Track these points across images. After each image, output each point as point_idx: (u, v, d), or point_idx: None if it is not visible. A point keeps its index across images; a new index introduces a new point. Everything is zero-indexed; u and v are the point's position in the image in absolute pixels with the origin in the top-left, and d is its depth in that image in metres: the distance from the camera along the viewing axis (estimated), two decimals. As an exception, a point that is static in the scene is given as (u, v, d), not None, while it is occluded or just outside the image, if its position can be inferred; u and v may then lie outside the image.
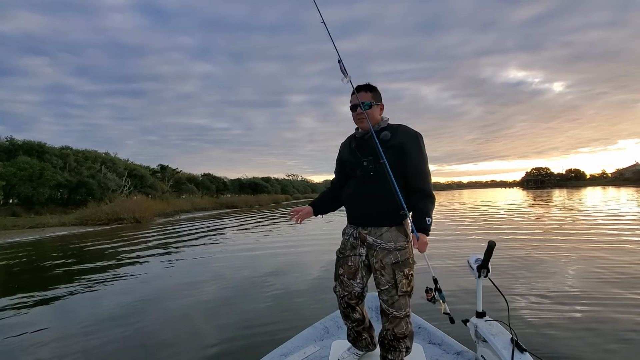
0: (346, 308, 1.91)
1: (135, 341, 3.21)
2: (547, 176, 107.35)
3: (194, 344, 3.10)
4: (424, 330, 2.43)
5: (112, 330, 3.48)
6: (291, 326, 3.22)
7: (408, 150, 1.74)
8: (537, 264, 5.61)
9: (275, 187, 57.80)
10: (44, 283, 5.78)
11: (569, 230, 9.55)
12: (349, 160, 1.89)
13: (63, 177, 22.85)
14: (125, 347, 3.08)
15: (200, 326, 3.58)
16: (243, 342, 3.06)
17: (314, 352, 2.17)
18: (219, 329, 3.42)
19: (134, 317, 3.84)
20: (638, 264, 5.35)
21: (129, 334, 3.37)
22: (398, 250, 1.73)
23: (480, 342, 1.91)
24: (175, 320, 3.75)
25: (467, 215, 16.26)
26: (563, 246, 7.09)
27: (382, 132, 1.80)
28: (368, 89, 1.83)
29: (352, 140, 1.93)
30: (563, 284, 4.42)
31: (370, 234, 1.77)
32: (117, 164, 29.48)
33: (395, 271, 1.71)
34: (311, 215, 2.01)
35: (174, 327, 3.56)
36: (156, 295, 4.82)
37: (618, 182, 73.02)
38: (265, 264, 6.57)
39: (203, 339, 3.18)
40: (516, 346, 1.59)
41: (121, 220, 17.65)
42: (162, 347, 3.07)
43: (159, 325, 3.59)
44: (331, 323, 2.56)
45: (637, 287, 4.21)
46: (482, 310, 1.91)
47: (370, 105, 1.80)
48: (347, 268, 1.86)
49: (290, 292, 4.59)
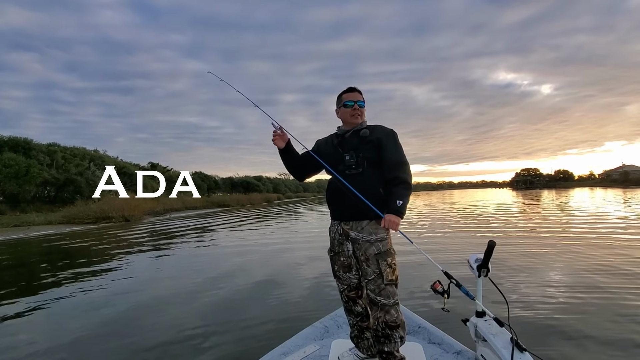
0: (347, 302, 1.99)
1: (128, 345, 3.10)
2: (536, 177, 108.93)
3: (190, 343, 3.03)
4: (423, 330, 2.41)
5: (100, 339, 3.35)
6: (291, 326, 3.20)
7: (385, 144, 1.89)
8: (536, 263, 5.61)
9: (267, 186, 57.60)
10: (26, 283, 5.58)
11: (566, 230, 9.65)
12: (330, 154, 2.00)
13: (50, 174, 22.39)
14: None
15: (199, 326, 3.47)
16: (243, 341, 3.02)
17: (314, 351, 2.18)
18: (218, 327, 3.39)
19: (121, 323, 3.70)
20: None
21: (118, 345, 3.24)
22: (379, 242, 1.83)
23: (480, 342, 1.90)
24: (168, 322, 3.64)
25: (463, 214, 16.33)
26: (562, 245, 7.14)
27: (362, 130, 1.96)
28: (360, 92, 2.01)
29: (334, 137, 2.06)
30: (563, 284, 4.41)
31: (352, 229, 1.87)
32: (106, 161, 29.03)
33: (379, 261, 1.81)
34: (284, 142, 2.09)
35: (168, 329, 3.44)
36: (146, 296, 4.67)
37: (605, 183, 74.45)
38: (264, 265, 6.51)
39: (202, 339, 3.11)
40: (516, 345, 1.57)
41: (109, 219, 17.32)
42: (156, 348, 2.98)
43: (152, 330, 3.45)
44: (331, 322, 2.56)
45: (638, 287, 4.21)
46: (482, 309, 1.89)
47: (364, 105, 2.01)
48: (341, 263, 1.96)
49: (290, 291, 4.55)
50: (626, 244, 7.15)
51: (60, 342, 3.18)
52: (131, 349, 3.00)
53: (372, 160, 1.86)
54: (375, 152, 1.88)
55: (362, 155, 1.86)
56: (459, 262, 5.52)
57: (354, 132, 1.96)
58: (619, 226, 10.14)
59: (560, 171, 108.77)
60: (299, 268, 6.00)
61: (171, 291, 4.80)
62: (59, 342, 3.19)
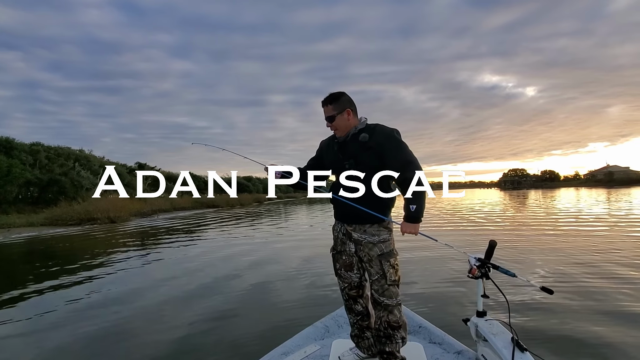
0: (348, 300, 2.02)
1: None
2: (523, 177, 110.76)
3: (189, 343, 2.96)
4: (424, 330, 2.40)
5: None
6: (291, 325, 3.20)
7: (387, 148, 1.81)
8: (537, 263, 5.59)
9: (257, 186, 57.21)
10: (3, 291, 5.33)
11: (562, 229, 9.73)
12: (332, 160, 1.99)
13: (33, 174, 21.77)
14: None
15: (198, 326, 3.44)
16: (243, 341, 3.01)
17: (315, 351, 2.19)
18: (217, 327, 3.37)
19: (110, 339, 3.44)
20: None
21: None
22: (382, 243, 1.84)
23: (481, 342, 1.89)
24: (162, 326, 3.52)
25: (456, 214, 16.40)
26: (561, 245, 7.14)
27: (360, 134, 1.87)
28: (329, 101, 1.89)
29: (334, 143, 1.99)
30: (562, 284, 4.37)
31: (355, 231, 1.88)
32: (92, 161, 28.37)
33: (382, 262, 1.82)
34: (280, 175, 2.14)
35: (162, 332, 3.33)
36: (139, 303, 4.39)
37: (590, 183, 76.12)
38: (263, 264, 6.40)
39: (201, 339, 3.09)
40: (517, 345, 1.57)
41: (94, 221, 16.86)
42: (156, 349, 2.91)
43: (148, 338, 3.27)
44: (332, 322, 2.56)
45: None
46: (482, 309, 1.89)
47: (333, 118, 1.88)
48: (342, 262, 1.98)
49: (289, 291, 4.51)
50: (627, 242, 7.20)
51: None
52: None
53: (373, 166, 1.83)
54: (375, 158, 1.82)
55: (362, 163, 1.84)
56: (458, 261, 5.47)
57: (353, 136, 1.88)
58: (614, 225, 10.27)
59: (546, 171, 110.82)
60: (299, 268, 5.92)
61: (162, 298, 4.54)
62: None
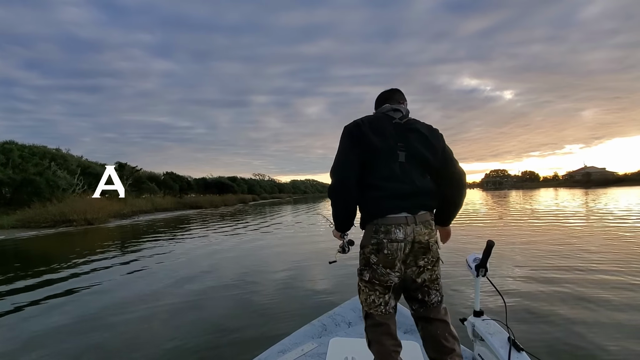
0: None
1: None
2: (504, 178, 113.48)
3: (187, 344, 2.88)
4: None
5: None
6: (290, 323, 3.19)
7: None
8: (535, 261, 5.57)
9: (242, 186, 56.64)
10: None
11: (557, 228, 9.84)
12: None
13: (5, 174, 20.83)
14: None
15: (195, 326, 3.38)
16: (242, 341, 2.99)
17: (312, 349, 2.18)
18: (216, 327, 3.34)
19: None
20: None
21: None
22: None
23: (478, 341, 1.84)
24: (164, 329, 3.39)
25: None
26: (559, 244, 7.16)
27: None
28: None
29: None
30: (562, 283, 4.34)
31: None
32: (69, 160, 27.36)
33: None
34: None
35: (157, 336, 3.19)
36: (131, 311, 4.04)
37: (569, 183, 78.43)
38: (261, 264, 6.26)
39: (199, 339, 3.06)
40: (513, 345, 1.58)
41: (70, 222, 16.17)
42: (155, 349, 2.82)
43: (146, 342, 3.09)
44: (329, 320, 2.55)
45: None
46: (479, 309, 1.85)
47: None
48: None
49: (289, 291, 4.47)
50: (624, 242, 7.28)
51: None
52: None
53: None
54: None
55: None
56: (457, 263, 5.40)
57: None
58: (612, 223, 10.45)
59: (527, 172, 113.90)
60: (297, 267, 5.82)
61: (148, 305, 4.18)
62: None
